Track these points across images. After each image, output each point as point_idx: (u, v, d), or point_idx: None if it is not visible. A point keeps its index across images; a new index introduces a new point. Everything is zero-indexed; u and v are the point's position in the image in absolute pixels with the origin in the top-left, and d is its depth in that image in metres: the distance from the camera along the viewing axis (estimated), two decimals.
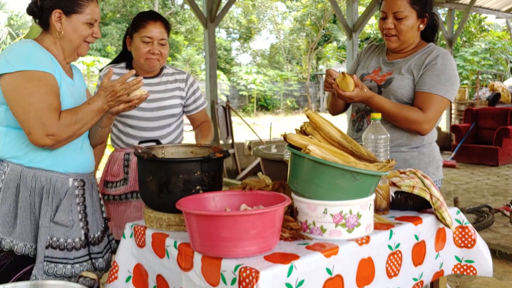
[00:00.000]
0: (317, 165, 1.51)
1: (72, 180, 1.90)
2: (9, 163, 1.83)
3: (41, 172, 1.83)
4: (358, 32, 8.29)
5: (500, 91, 10.95)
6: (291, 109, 23.37)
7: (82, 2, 1.86)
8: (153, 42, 2.32)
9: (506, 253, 3.91)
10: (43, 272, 1.79)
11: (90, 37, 1.91)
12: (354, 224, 1.55)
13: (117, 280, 1.77)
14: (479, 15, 21.00)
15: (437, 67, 2.18)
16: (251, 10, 26.66)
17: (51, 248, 1.82)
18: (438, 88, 2.15)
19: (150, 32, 2.31)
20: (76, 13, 1.85)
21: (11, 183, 1.81)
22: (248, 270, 1.34)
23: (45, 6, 1.85)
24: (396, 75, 2.24)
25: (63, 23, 1.86)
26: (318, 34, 23.90)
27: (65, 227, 1.85)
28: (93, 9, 1.88)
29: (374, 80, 2.30)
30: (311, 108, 24.90)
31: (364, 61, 2.44)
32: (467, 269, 1.95)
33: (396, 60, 2.30)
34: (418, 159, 2.24)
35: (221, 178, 1.83)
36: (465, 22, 11.27)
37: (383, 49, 2.41)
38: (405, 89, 2.21)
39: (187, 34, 26.61)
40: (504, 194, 6.26)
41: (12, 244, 1.79)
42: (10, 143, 1.83)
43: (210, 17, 7.19)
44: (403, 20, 2.18)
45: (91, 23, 1.89)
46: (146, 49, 2.32)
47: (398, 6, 2.17)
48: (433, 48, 2.26)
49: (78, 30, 1.87)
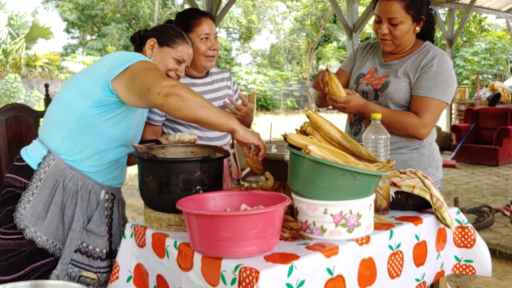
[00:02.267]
0: (317, 165, 1.51)
1: (104, 192, 1.93)
2: (56, 156, 1.84)
3: (80, 176, 1.86)
4: (358, 32, 8.29)
5: (500, 91, 10.95)
6: (291, 109, 23.38)
7: (177, 40, 2.05)
8: (210, 38, 2.30)
9: (506, 253, 3.91)
10: (66, 274, 1.81)
11: (173, 73, 2.04)
12: (354, 224, 1.55)
13: (118, 280, 1.78)
14: (479, 15, 21.00)
15: (433, 70, 2.16)
16: (251, 10, 26.65)
17: (79, 253, 1.84)
18: (435, 91, 2.14)
19: (207, 29, 2.29)
20: (168, 46, 2.03)
21: (52, 177, 1.82)
22: (248, 270, 1.34)
23: (146, 35, 2.08)
24: (393, 78, 2.22)
25: (154, 51, 2.04)
26: (318, 34, 23.90)
27: (96, 236, 1.88)
28: (185, 49, 2.06)
29: (371, 84, 2.28)
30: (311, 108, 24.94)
31: (360, 60, 2.41)
32: (466, 268, 1.95)
33: (392, 61, 2.28)
34: (418, 160, 2.23)
35: (221, 178, 1.83)
36: (465, 22, 11.28)
37: (379, 49, 2.37)
38: (402, 93, 2.19)
39: None
40: (504, 194, 6.26)
41: (35, 235, 1.79)
42: (69, 139, 1.83)
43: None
44: (398, 26, 2.15)
45: (179, 60, 2.04)
46: (206, 46, 2.29)
47: (392, 12, 2.13)
48: (428, 49, 2.23)
49: (164, 61, 2.02)
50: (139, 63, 1.74)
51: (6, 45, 17.86)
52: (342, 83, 2.32)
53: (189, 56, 2.08)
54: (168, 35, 2.05)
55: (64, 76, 18.98)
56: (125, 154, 1.97)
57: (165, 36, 2.04)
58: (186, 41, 2.07)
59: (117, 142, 1.89)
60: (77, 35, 27.78)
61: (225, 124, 1.62)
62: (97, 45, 24.03)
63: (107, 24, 25.62)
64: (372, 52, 2.40)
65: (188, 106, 1.58)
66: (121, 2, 25.13)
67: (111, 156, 1.90)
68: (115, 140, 1.87)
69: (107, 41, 24.28)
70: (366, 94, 2.27)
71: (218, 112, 1.62)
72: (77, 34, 27.68)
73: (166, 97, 1.57)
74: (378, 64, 2.33)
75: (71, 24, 26.06)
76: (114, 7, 25.22)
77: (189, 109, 1.58)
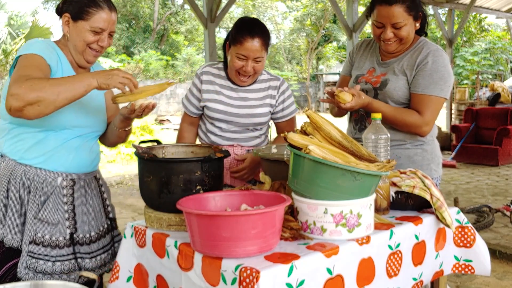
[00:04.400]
0: (317, 165, 1.52)
1: (62, 179, 1.93)
2: (5, 157, 1.91)
3: (31, 169, 1.89)
4: (358, 32, 8.29)
5: (500, 91, 10.94)
6: None
7: (90, 10, 1.89)
8: (248, 60, 2.18)
9: (506, 253, 3.91)
10: (26, 266, 1.84)
11: (95, 45, 1.93)
12: (354, 224, 1.55)
13: (118, 280, 1.78)
14: (479, 15, 21.00)
15: (429, 66, 2.18)
16: (251, 10, 26.65)
17: (34, 244, 1.86)
18: (432, 88, 2.16)
19: (246, 50, 2.16)
20: (82, 20, 1.90)
21: (4, 177, 1.89)
22: (248, 270, 1.34)
23: (62, 9, 1.95)
24: (391, 76, 2.25)
25: (70, 28, 1.93)
26: (318, 34, 23.90)
27: (50, 225, 1.88)
28: (101, 17, 1.90)
29: (369, 82, 2.29)
30: (311, 108, 24.89)
31: (358, 61, 2.42)
32: (465, 268, 1.95)
33: (390, 60, 2.30)
34: (422, 155, 2.27)
35: (221, 178, 1.83)
36: (465, 22, 11.28)
37: (376, 47, 2.38)
38: (401, 91, 2.22)
39: (187, 34, 26.64)
40: (504, 194, 6.26)
41: (2, 235, 1.85)
42: (10, 139, 1.91)
43: (210, 17, 7.19)
44: (402, 28, 2.15)
45: (96, 31, 1.90)
46: (240, 65, 2.20)
47: (396, 17, 2.12)
48: (423, 45, 2.25)
49: (81, 36, 1.91)
50: (19, 61, 1.80)
51: (6, 45, 17.85)
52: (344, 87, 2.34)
53: (109, 22, 1.91)
54: (80, 6, 1.89)
55: None
56: (73, 137, 1.94)
57: (77, 9, 1.89)
58: (100, 7, 1.90)
59: (55, 127, 1.88)
60: None
61: (84, 87, 1.69)
62: None
63: None
64: (369, 51, 2.41)
65: (46, 106, 1.64)
66: (121, 2, 25.12)
67: (54, 142, 1.90)
68: (52, 126, 1.88)
69: None
70: (366, 92, 2.28)
71: (71, 82, 1.68)
72: None
73: (22, 107, 1.63)
74: (376, 63, 2.34)
75: None
76: None
77: (49, 108, 1.65)
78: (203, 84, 2.35)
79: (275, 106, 2.39)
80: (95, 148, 2.06)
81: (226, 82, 2.34)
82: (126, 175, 8.11)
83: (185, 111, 2.43)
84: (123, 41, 24.89)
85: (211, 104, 2.31)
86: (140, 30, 26.32)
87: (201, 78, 2.36)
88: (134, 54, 23.58)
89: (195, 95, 2.38)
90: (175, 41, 26.72)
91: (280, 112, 2.41)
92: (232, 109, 2.30)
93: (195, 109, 2.39)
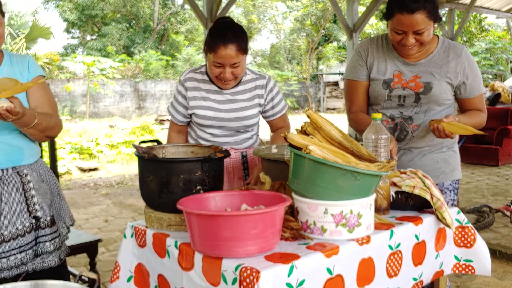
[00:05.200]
0: (317, 165, 1.52)
1: None
2: None
3: None
4: (359, 32, 8.28)
5: (500, 91, 10.93)
6: (292, 109, 23.37)
7: None
8: (225, 67, 2.14)
9: (507, 253, 3.90)
10: None
11: None
12: (354, 224, 1.55)
13: (119, 280, 1.78)
14: (480, 15, 20.99)
15: (471, 68, 2.26)
16: (251, 10, 26.66)
17: None
18: (481, 87, 2.30)
19: (221, 58, 2.11)
20: None
21: None
22: (248, 270, 1.34)
23: None
24: (432, 79, 2.21)
25: None
26: (318, 34, 23.90)
27: None
28: None
29: (408, 88, 2.22)
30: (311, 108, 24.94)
31: (376, 64, 2.28)
32: (465, 268, 1.95)
33: (418, 61, 2.23)
34: (454, 157, 2.34)
35: (222, 178, 1.83)
36: (466, 22, 11.27)
37: (388, 46, 2.27)
38: (445, 94, 2.23)
39: (187, 34, 26.63)
40: (505, 194, 6.26)
41: None
42: None
43: (210, 17, 7.19)
44: (424, 33, 2.09)
45: None
46: (217, 72, 2.16)
47: (418, 25, 2.05)
48: (452, 46, 2.26)
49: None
50: None
51: (6, 45, 17.84)
52: (361, 94, 2.32)
53: None
54: None
55: (65, 76, 18.96)
56: None
57: None
58: None
59: None
60: (77, 35, 27.79)
61: None
62: (97, 45, 24.03)
63: (107, 24, 25.61)
64: (383, 52, 2.28)
65: None
66: (121, 2, 25.13)
67: None
68: None
69: (107, 41, 24.27)
70: (404, 98, 2.23)
71: None
72: (77, 34, 27.69)
73: None
74: (401, 65, 2.25)
75: (71, 24, 26.05)
76: (114, 7, 25.22)
77: None
78: (188, 91, 2.30)
79: (264, 105, 2.36)
80: (14, 143, 1.97)
81: (211, 86, 2.29)
82: (126, 175, 8.11)
83: (172, 120, 2.38)
84: (123, 41, 24.88)
85: (199, 111, 2.27)
86: (140, 30, 26.31)
87: (186, 85, 2.30)
88: (134, 54, 23.58)
89: (181, 103, 2.33)
90: (175, 41, 26.70)
91: (270, 110, 2.38)
92: (222, 114, 2.26)
93: (183, 117, 2.35)
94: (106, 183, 7.52)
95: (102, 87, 17.85)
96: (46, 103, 2.03)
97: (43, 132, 1.99)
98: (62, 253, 2.12)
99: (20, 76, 2.00)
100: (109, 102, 18.83)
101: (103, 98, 18.60)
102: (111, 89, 18.36)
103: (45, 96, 2.04)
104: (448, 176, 2.31)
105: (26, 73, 2.03)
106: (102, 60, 18.24)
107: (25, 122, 1.85)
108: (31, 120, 1.86)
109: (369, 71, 2.30)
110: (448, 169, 2.30)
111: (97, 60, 17.82)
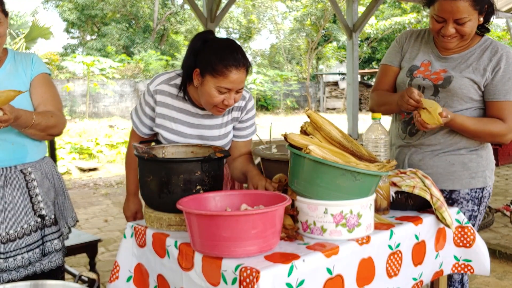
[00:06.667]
0: (317, 165, 1.52)
1: None
2: None
3: None
4: (358, 32, 8.29)
5: None
6: (291, 109, 23.39)
7: None
8: (231, 93, 1.85)
9: (506, 253, 3.91)
10: None
11: None
12: (354, 224, 1.55)
13: (118, 280, 1.78)
14: None
15: (506, 70, 2.05)
16: (251, 10, 26.67)
17: None
18: (510, 93, 2.05)
19: (232, 83, 1.82)
20: None
21: None
22: (248, 270, 1.34)
23: None
24: (455, 73, 2.08)
25: None
26: (318, 34, 23.90)
27: None
28: None
29: (428, 78, 2.12)
30: (311, 108, 24.90)
31: (410, 51, 2.22)
32: (464, 267, 1.95)
33: (451, 55, 2.12)
34: (477, 162, 2.13)
35: (221, 178, 1.83)
36: None
37: (429, 38, 2.20)
38: (466, 89, 2.06)
39: (187, 34, 26.60)
40: (504, 194, 6.26)
41: None
42: None
43: (210, 17, 7.19)
44: (466, 24, 1.98)
45: None
46: (221, 99, 1.86)
47: (460, 12, 1.94)
48: (493, 46, 2.09)
49: None
50: None
51: (6, 45, 17.84)
52: (390, 78, 2.24)
53: None
54: None
55: (64, 76, 18.96)
56: None
57: None
58: None
59: None
60: (77, 35, 27.78)
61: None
62: (97, 45, 24.03)
63: (107, 24, 25.61)
64: (420, 42, 2.22)
65: None
66: (121, 2, 25.12)
67: None
68: None
69: (107, 41, 24.26)
70: (423, 88, 2.13)
71: None
72: (77, 34, 27.69)
73: None
74: (433, 56, 2.16)
75: (71, 24, 26.06)
76: (114, 7, 25.21)
77: None
78: (158, 106, 2.01)
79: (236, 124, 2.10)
80: (17, 140, 1.97)
81: (185, 105, 2.01)
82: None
83: (135, 129, 2.11)
84: (123, 41, 24.87)
85: (165, 133, 2.03)
86: (140, 30, 26.31)
87: (156, 98, 2.01)
88: (134, 54, 23.57)
89: (148, 114, 2.05)
90: (175, 41, 26.70)
91: (240, 130, 2.11)
92: (191, 141, 2.02)
93: (148, 129, 2.09)
94: (106, 183, 7.52)
95: (101, 87, 17.85)
96: (49, 100, 2.02)
97: (44, 131, 1.98)
98: (62, 253, 2.12)
99: (24, 74, 2.00)
100: (109, 102, 18.83)
101: (103, 98, 18.59)
102: (110, 89, 18.35)
103: (48, 93, 2.03)
104: (466, 183, 2.11)
105: (29, 70, 2.02)
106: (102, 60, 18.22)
107: (21, 124, 1.84)
108: (28, 121, 1.85)
109: (402, 58, 2.25)
110: (467, 174, 2.10)
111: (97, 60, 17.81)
